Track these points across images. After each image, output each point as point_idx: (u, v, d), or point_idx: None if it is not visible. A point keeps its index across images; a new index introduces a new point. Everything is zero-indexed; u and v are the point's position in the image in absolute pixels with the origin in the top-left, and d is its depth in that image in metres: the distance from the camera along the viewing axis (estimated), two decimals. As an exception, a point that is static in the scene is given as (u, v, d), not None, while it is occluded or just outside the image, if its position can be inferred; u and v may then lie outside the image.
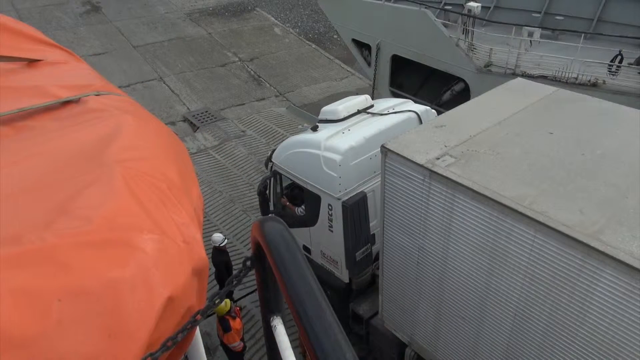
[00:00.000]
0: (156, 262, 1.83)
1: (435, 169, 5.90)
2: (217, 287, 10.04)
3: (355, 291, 9.07)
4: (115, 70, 20.99)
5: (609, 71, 12.37)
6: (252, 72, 21.98)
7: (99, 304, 1.59)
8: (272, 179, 9.46)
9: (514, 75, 12.25)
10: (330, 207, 8.42)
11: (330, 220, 8.52)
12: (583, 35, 12.58)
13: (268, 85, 21.07)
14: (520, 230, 5.25)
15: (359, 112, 9.12)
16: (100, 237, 1.76)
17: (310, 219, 9.00)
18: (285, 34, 25.76)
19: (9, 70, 3.19)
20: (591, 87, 12.08)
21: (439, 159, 6.05)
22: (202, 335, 2.98)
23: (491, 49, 13.64)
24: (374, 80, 17.18)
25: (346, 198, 8.19)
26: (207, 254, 4.01)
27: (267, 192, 9.55)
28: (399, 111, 9.17)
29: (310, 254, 9.48)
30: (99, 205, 1.89)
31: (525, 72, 12.88)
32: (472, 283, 6.16)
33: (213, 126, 17.84)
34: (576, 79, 12.28)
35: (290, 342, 1.74)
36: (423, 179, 6.09)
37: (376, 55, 16.58)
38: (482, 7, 14.44)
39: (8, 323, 1.42)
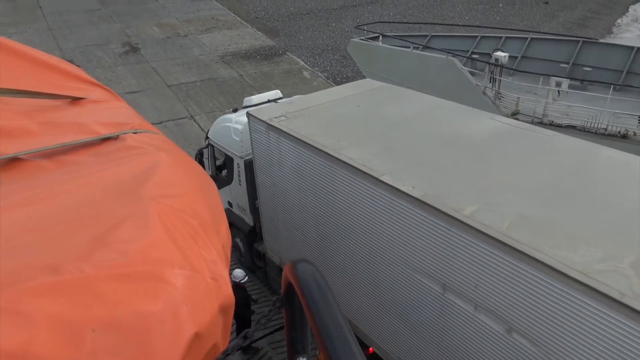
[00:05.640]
0: (185, 297, 1.86)
1: (271, 123, 8.53)
2: (235, 324, 9.96)
3: (258, 234, 11.41)
4: (149, 108, 21.71)
5: (639, 123, 12.24)
6: (280, 114, 22.40)
7: (130, 336, 1.62)
8: (207, 149, 12.14)
9: (542, 124, 12.23)
10: (238, 165, 10.96)
11: (239, 176, 11.06)
12: (612, 86, 12.55)
13: (295, 126, 21.37)
14: (312, 157, 7.68)
15: (269, 101, 11.68)
16: (135, 270, 1.80)
17: (229, 178, 11.54)
18: (314, 77, 26.38)
19: (54, 107, 3.36)
20: (621, 138, 11.96)
21: (276, 118, 8.67)
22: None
23: (518, 97, 13.69)
24: (400, 124, 17.30)
25: (247, 157, 10.47)
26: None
27: (203, 159, 12.30)
28: None
29: (232, 207, 11.98)
30: (134, 239, 1.95)
31: (553, 122, 12.84)
32: (297, 201, 8.61)
33: (239, 165, 18.10)
34: (605, 129, 12.17)
35: (314, 384, 1.73)
36: (266, 131, 8.74)
37: (403, 100, 16.76)
38: (509, 56, 14.60)
39: (43, 351, 1.46)
